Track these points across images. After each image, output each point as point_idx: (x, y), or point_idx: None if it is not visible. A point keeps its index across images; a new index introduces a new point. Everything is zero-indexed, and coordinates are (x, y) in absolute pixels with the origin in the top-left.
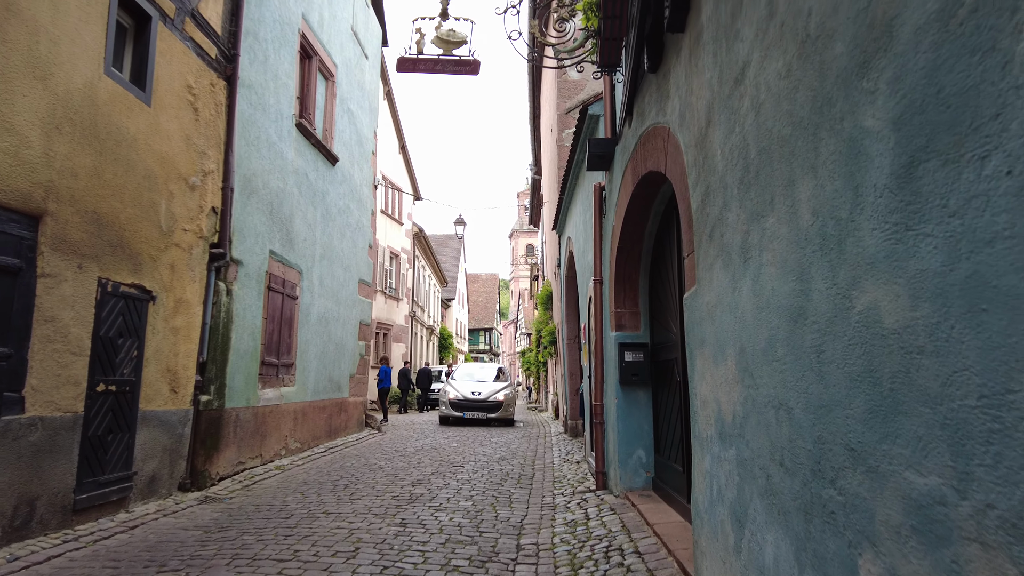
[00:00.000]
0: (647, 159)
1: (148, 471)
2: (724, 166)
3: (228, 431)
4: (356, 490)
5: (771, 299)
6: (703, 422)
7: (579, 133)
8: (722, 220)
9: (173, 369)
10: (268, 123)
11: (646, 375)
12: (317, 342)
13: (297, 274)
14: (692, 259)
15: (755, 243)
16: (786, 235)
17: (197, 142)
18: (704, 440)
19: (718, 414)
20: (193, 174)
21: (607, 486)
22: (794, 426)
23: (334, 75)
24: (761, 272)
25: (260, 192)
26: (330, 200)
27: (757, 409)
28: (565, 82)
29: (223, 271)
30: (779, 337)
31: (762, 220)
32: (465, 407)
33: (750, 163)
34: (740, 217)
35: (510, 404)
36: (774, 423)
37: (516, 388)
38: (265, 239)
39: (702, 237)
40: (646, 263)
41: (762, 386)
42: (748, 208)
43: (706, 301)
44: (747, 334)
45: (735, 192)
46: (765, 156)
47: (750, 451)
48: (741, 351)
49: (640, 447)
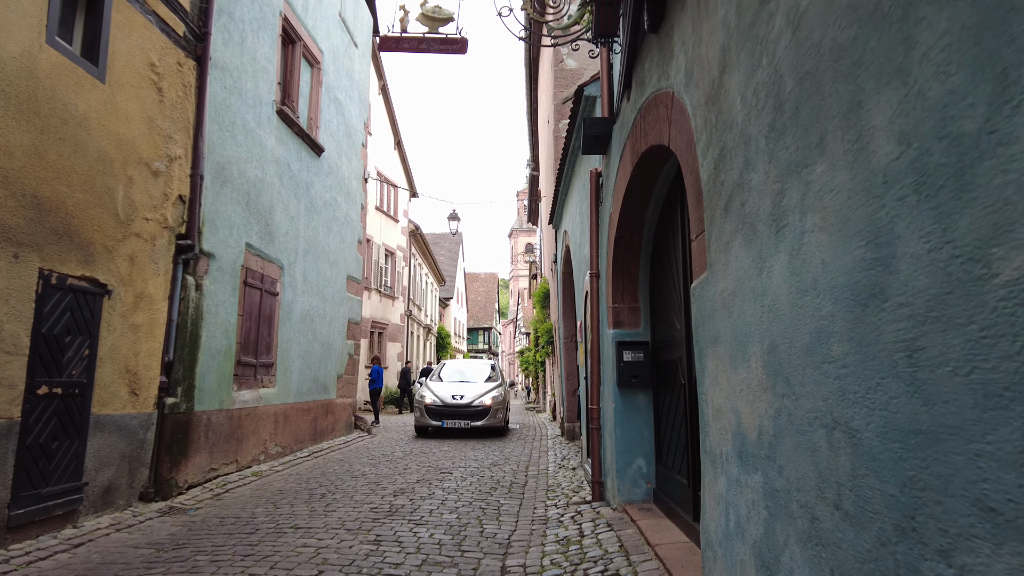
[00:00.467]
0: (648, 133)
1: (103, 481)
2: (746, 116)
3: (198, 436)
4: (333, 500)
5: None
6: (716, 435)
7: (574, 117)
8: (743, 185)
9: (133, 370)
10: (245, 108)
11: (647, 377)
12: (300, 341)
13: (277, 269)
14: (702, 241)
15: (793, 205)
16: (846, 184)
17: (161, 125)
18: (717, 457)
19: (737, 428)
20: (157, 159)
21: (604, 497)
22: (861, 456)
23: (320, 62)
24: (803, 242)
25: (235, 181)
26: (315, 192)
27: (796, 427)
28: (562, 71)
29: (192, 264)
30: (834, 330)
31: (804, 172)
32: (444, 414)
33: (784, 100)
34: (770, 175)
35: (500, 409)
36: (825, 448)
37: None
38: (241, 231)
39: (715, 212)
40: (646, 254)
41: (805, 396)
42: (782, 161)
43: (720, 289)
44: (780, 327)
45: (762, 144)
46: (810, 83)
47: (784, 480)
48: (771, 349)
49: (640, 456)
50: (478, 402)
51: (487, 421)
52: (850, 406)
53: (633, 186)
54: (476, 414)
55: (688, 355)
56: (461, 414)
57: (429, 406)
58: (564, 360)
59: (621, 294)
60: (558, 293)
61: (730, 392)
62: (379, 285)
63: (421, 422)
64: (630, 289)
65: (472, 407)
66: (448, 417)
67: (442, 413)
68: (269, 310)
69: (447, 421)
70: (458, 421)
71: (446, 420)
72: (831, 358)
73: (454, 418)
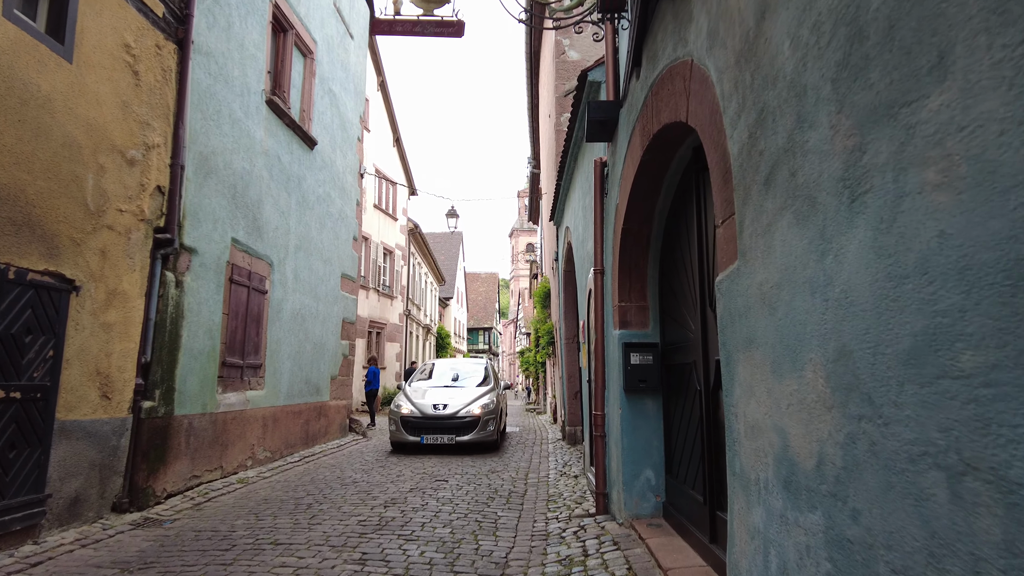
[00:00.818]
0: (661, 111)
1: (69, 492)
2: (799, 62)
3: (178, 441)
4: (319, 511)
5: (935, 256)
6: (750, 456)
7: (577, 105)
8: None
9: (105, 372)
10: (232, 97)
11: (656, 381)
12: (291, 341)
13: (267, 266)
14: (730, 226)
15: (881, 162)
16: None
17: (138, 110)
18: (752, 483)
19: (783, 451)
20: (132, 146)
21: (609, 510)
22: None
23: (313, 52)
24: (901, 210)
25: (221, 173)
26: (307, 187)
27: (885, 462)
28: (564, 63)
29: (172, 260)
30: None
31: (904, 113)
32: (423, 427)
33: (867, 23)
34: (839, 129)
35: (492, 419)
36: (944, 500)
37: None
38: (226, 225)
39: (749, 190)
40: (656, 248)
41: (902, 422)
42: (861, 106)
43: (757, 281)
44: (856, 327)
45: (826, 91)
46: None
47: (862, 530)
48: (840, 356)
49: (648, 467)
50: (465, 412)
51: (475, 435)
52: (1001, 446)
53: (643, 173)
54: (462, 427)
55: (704, 358)
56: (444, 427)
57: (406, 417)
58: (565, 361)
59: (628, 292)
60: (559, 292)
61: (772, 407)
62: (377, 284)
63: (396, 437)
64: (638, 286)
65: (457, 418)
66: (428, 431)
67: (421, 426)
68: (257, 309)
69: (427, 436)
70: (440, 436)
71: (426, 435)
72: (958, 371)
73: (435, 432)
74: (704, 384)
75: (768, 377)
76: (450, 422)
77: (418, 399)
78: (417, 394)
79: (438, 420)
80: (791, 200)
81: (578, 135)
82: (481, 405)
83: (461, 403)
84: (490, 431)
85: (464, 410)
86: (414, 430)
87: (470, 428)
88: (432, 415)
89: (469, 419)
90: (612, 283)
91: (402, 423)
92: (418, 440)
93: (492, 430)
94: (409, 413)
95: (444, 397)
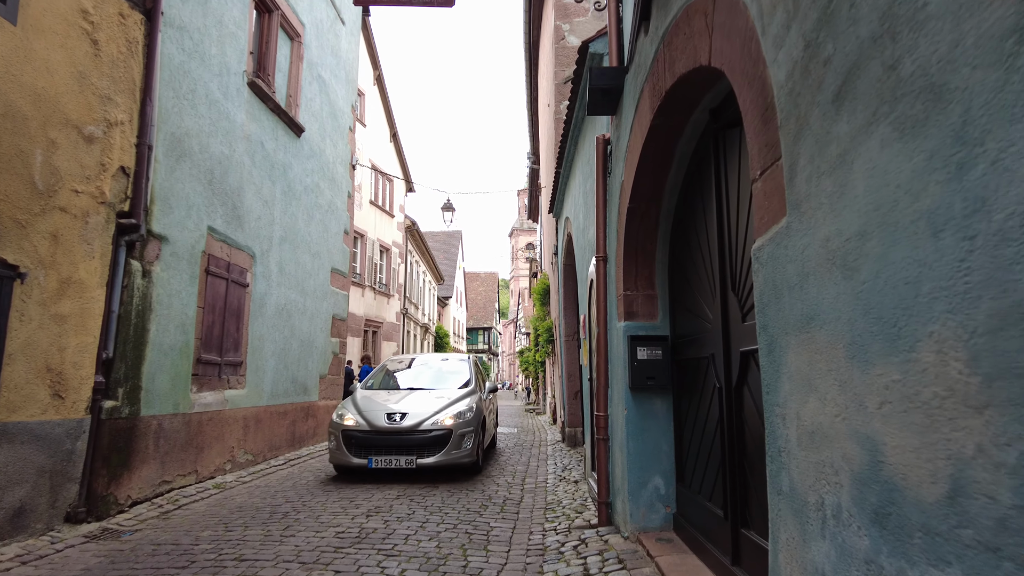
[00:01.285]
0: (676, 61)
1: (12, 502)
2: None
3: (146, 444)
4: (295, 521)
5: None
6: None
7: (577, 83)
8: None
9: (57, 368)
10: (209, 76)
11: (666, 378)
12: (276, 338)
13: (248, 257)
14: (775, 174)
15: None
16: None
17: (97, 83)
18: (812, 508)
19: (871, 469)
20: (91, 122)
21: (613, 521)
22: None
23: (301, 36)
24: None
25: (196, 156)
26: (294, 175)
27: None
28: (563, 48)
29: (138, 247)
30: None
31: None
32: (373, 446)
33: None
34: None
35: (469, 432)
36: None
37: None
38: (202, 213)
39: (807, 117)
40: (665, 229)
41: None
42: None
43: (823, 236)
44: None
45: None
46: None
47: None
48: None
49: (657, 474)
50: (431, 423)
51: (445, 456)
52: None
53: (652, 141)
54: (426, 444)
55: (725, 351)
56: (400, 445)
57: (349, 432)
58: (565, 360)
59: (634, 279)
60: (559, 288)
61: (849, 406)
62: (373, 282)
63: (337, 458)
64: (645, 273)
65: (419, 433)
66: (378, 451)
67: (369, 444)
68: (237, 303)
69: (377, 458)
70: (395, 458)
71: (375, 456)
72: None
73: (388, 452)
74: (725, 380)
75: (842, 365)
76: (409, 438)
77: (368, 406)
78: (369, 399)
79: (393, 436)
80: (888, 107)
81: (579, 115)
82: (454, 414)
83: (426, 411)
84: (466, 449)
85: (430, 421)
86: (359, 449)
87: (437, 446)
88: (384, 428)
89: (436, 433)
90: (616, 270)
91: (344, 439)
92: (364, 463)
93: (469, 448)
94: (354, 425)
95: (404, 404)
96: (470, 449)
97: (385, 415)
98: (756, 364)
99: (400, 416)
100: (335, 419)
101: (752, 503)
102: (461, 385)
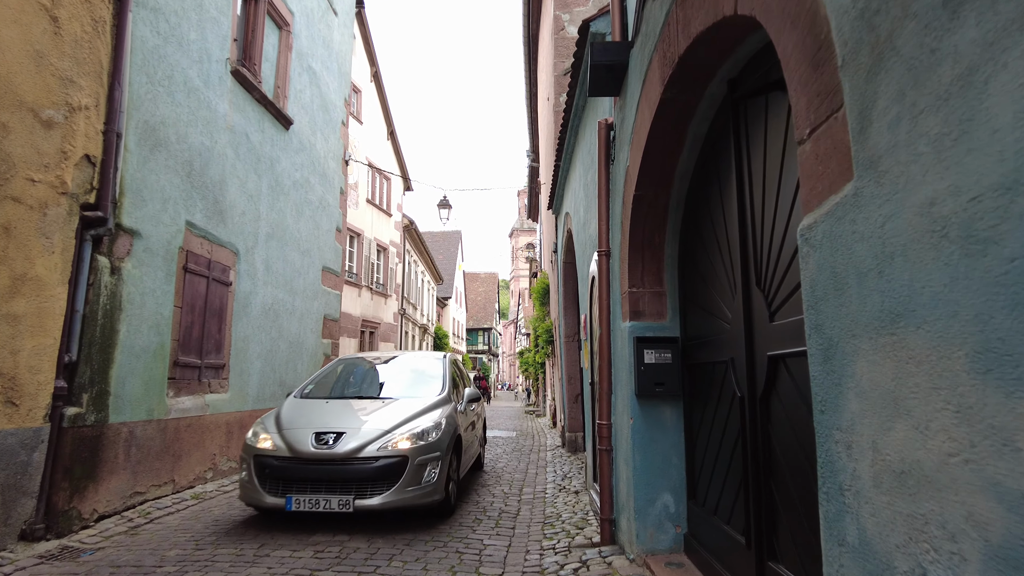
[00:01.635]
0: (691, 20)
1: None
2: None
3: (115, 453)
4: (271, 538)
5: None
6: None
7: (577, 68)
8: None
9: (10, 373)
10: (187, 63)
11: (676, 384)
12: (262, 339)
13: (231, 254)
14: (835, 129)
15: None
16: None
17: (58, 64)
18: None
19: None
20: (50, 105)
21: (617, 540)
22: None
23: (290, 24)
24: None
25: (172, 146)
26: (281, 169)
27: None
28: (563, 39)
29: (106, 242)
30: None
31: None
32: (294, 479)
33: None
34: None
35: (432, 460)
36: None
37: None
38: (180, 206)
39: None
40: (675, 220)
41: None
42: None
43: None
44: None
45: None
46: None
47: None
48: None
49: (666, 490)
50: (377, 448)
51: (396, 494)
52: None
53: (662, 119)
54: (369, 478)
55: (748, 354)
56: (332, 479)
57: (264, 457)
58: (565, 361)
59: (640, 275)
60: (558, 287)
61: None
62: (370, 282)
63: (248, 495)
64: (653, 268)
65: (359, 462)
66: (302, 486)
67: (289, 476)
68: (219, 302)
69: (300, 496)
70: (325, 497)
71: (297, 494)
72: None
73: (316, 489)
74: (748, 388)
75: (963, 382)
76: (345, 469)
77: (294, 421)
78: (299, 411)
79: (322, 465)
80: None
81: (579, 103)
82: (413, 433)
83: (374, 429)
84: (428, 484)
85: (376, 443)
86: (276, 483)
87: (386, 480)
88: (310, 454)
89: (385, 462)
90: (620, 265)
91: (256, 468)
92: (280, 503)
93: (434, 481)
94: (271, 449)
95: (345, 418)
96: (434, 483)
97: (314, 435)
98: (789, 371)
99: (334, 437)
100: (248, 438)
101: (781, 532)
102: (431, 393)
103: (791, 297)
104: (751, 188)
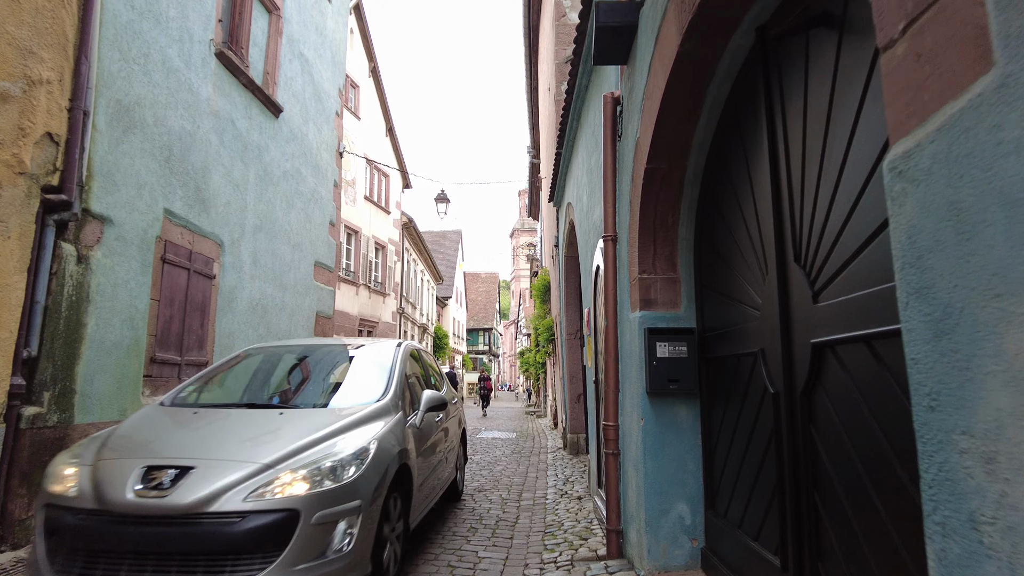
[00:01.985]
0: None
1: None
2: None
3: None
4: None
5: None
6: None
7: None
8: None
9: None
10: (166, 41)
11: (692, 380)
12: (249, 335)
13: (215, 246)
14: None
15: None
16: None
17: (15, 33)
18: None
19: None
20: (4, 77)
21: (625, 553)
22: None
23: (280, 8)
24: None
25: (149, 129)
26: (271, 159)
27: None
28: (564, 26)
29: (72, 228)
30: None
31: None
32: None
33: None
34: None
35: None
36: None
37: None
38: (157, 193)
39: None
40: (691, 197)
41: None
42: None
43: None
44: None
45: None
46: None
47: None
48: None
49: (681, 500)
50: (234, 500)
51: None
52: None
53: (678, 79)
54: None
55: (785, 344)
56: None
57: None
58: (566, 360)
59: (652, 259)
60: (560, 283)
61: None
62: (368, 280)
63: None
64: (665, 251)
65: (206, 521)
66: (112, 565)
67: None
68: (202, 296)
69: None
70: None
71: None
72: None
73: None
74: (784, 383)
75: None
76: (185, 534)
77: (121, 449)
78: (141, 431)
79: (145, 528)
80: None
81: (581, 83)
82: (311, 470)
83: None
84: (336, 555)
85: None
86: (72, 556)
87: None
88: (129, 506)
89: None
90: (629, 251)
91: (47, 530)
92: None
93: (345, 551)
94: (71, 497)
95: (203, 443)
96: (350, 552)
97: (141, 471)
98: (840, 361)
99: (174, 475)
100: (47, 477)
101: (829, 556)
102: (365, 398)
103: (842, 272)
104: (788, 150)
